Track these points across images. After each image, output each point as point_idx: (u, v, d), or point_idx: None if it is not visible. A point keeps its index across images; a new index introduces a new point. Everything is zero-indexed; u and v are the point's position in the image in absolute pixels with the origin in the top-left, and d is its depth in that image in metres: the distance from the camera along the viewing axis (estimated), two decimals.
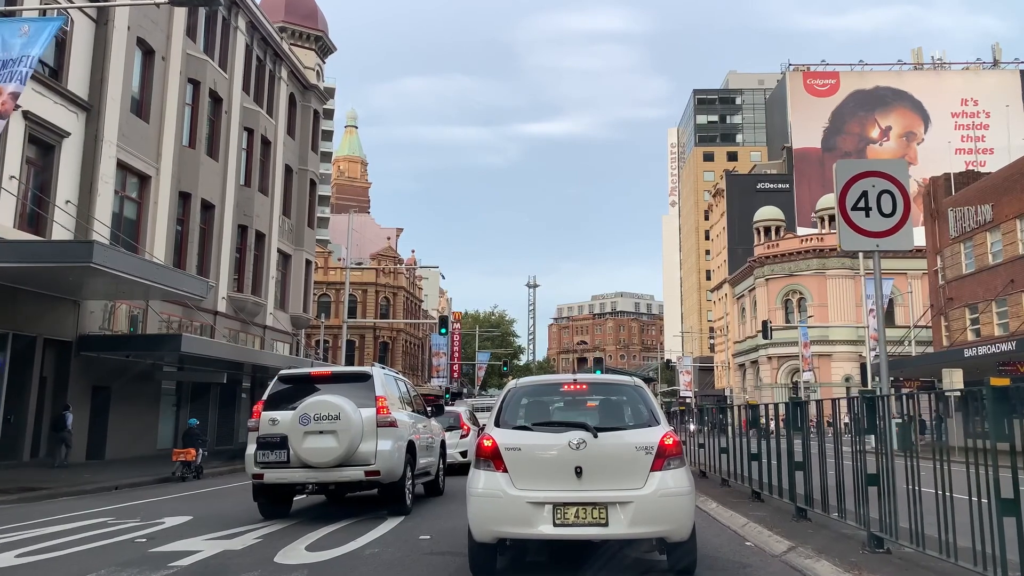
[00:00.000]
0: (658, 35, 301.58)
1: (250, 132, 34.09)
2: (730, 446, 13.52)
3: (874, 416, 6.95)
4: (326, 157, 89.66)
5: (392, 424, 10.68)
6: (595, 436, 6.32)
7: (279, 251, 37.68)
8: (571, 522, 6.12)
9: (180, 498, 14.55)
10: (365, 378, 11.06)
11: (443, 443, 14.66)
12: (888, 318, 49.24)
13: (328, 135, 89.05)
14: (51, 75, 21.95)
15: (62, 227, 21.54)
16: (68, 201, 22.27)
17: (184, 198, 28.53)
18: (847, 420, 7.94)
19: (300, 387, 10.91)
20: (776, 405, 10.54)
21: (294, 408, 10.29)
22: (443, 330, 40.08)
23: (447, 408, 21.33)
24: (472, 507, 6.42)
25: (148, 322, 26.11)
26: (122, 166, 24.66)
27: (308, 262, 41.48)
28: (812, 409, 9.31)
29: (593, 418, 6.81)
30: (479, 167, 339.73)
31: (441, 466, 14.11)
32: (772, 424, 10.63)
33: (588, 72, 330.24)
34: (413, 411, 12.41)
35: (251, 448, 10.55)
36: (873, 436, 7.00)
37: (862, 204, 6.86)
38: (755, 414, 11.82)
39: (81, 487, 16.68)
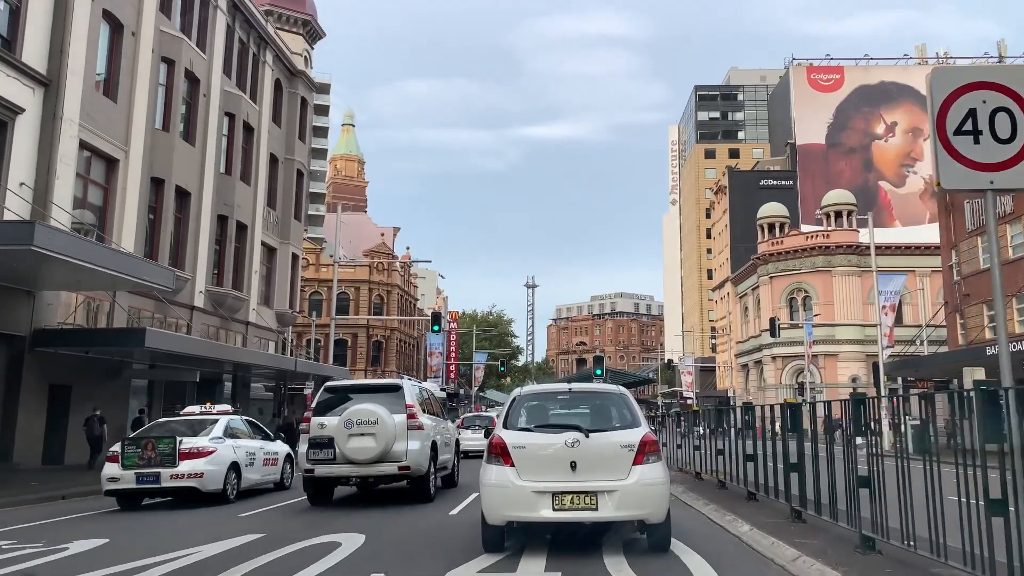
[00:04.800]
0: (658, 40, 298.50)
1: (231, 117, 32.25)
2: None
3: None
4: (322, 154, 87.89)
5: (420, 427, 12.72)
6: (587, 436, 7.36)
7: (263, 244, 35.81)
8: (567, 507, 7.16)
9: (109, 515, 12.69)
10: (397, 389, 13.22)
11: (457, 442, 16.89)
12: (896, 318, 47.25)
13: (323, 131, 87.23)
14: (4, 45, 20.15)
15: (13, 212, 19.70)
16: (22, 184, 20.47)
17: (157, 184, 26.67)
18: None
19: (342, 396, 13.00)
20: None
21: (339, 415, 12.34)
22: (435, 327, 37.94)
23: (484, 413, 25.41)
24: (485, 495, 7.49)
25: (115, 316, 24.29)
26: (86, 147, 22.83)
27: (295, 256, 39.64)
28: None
29: (585, 421, 7.77)
30: (480, 170, 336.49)
31: (456, 462, 15.98)
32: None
33: (588, 76, 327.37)
34: (433, 415, 14.36)
35: (303, 447, 12.54)
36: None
37: (969, 127, 5.02)
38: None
39: (23, 497, 14.95)
